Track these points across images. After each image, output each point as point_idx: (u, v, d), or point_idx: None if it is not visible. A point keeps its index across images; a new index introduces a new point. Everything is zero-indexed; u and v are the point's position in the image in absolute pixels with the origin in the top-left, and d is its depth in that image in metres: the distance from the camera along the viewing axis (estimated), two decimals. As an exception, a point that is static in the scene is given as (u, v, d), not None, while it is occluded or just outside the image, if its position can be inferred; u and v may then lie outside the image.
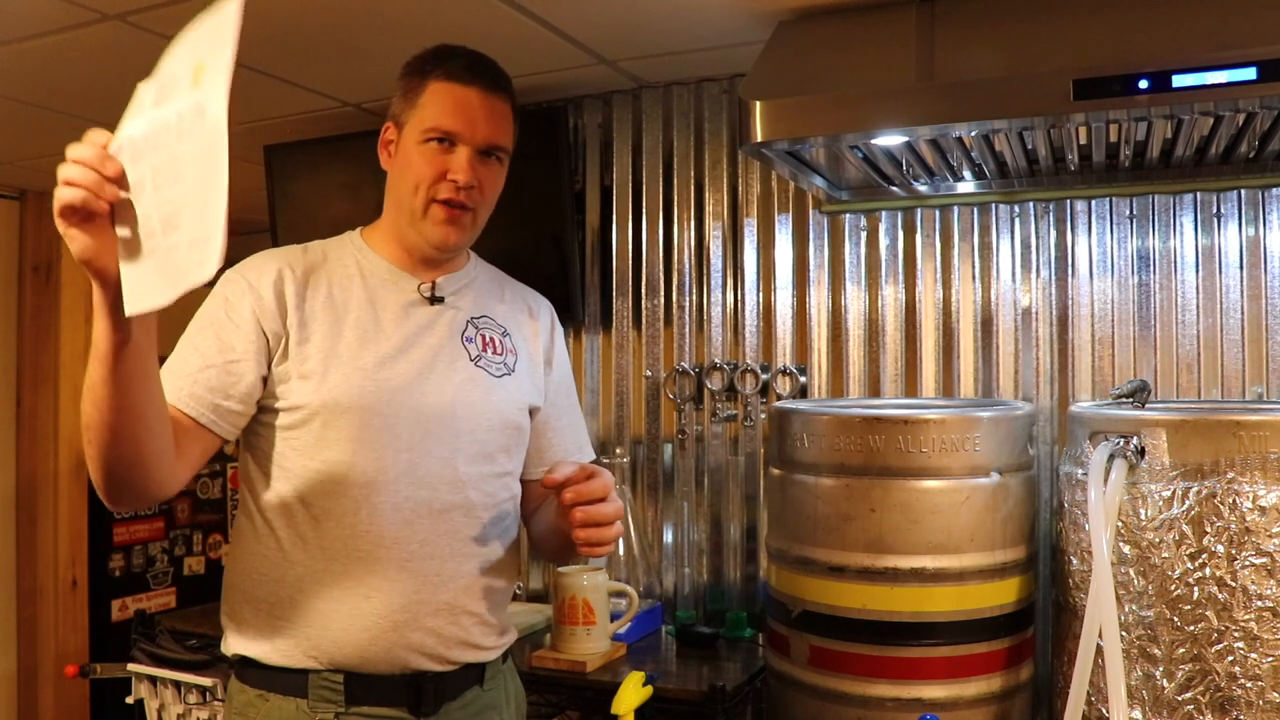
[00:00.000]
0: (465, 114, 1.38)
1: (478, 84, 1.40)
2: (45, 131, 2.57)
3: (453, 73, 1.39)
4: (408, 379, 1.37)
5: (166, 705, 2.19)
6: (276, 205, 2.62)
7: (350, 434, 1.33)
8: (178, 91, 1.01)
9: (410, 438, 1.36)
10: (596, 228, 2.38)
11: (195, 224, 0.98)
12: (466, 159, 1.38)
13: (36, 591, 3.22)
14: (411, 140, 1.40)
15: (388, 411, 1.35)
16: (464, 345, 1.45)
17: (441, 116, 1.38)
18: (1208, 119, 1.48)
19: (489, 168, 1.42)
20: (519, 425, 1.49)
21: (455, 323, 1.45)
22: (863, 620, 1.57)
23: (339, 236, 1.50)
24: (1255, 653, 1.30)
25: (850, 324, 2.12)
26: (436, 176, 1.38)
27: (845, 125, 1.58)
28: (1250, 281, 1.82)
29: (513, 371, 1.49)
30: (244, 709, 1.35)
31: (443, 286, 1.46)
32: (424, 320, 1.43)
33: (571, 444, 1.59)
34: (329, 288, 1.40)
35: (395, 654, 1.33)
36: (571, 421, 1.61)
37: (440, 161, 1.38)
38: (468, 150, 1.39)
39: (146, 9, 1.75)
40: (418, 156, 1.39)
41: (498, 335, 1.49)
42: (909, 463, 1.56)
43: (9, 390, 3.28)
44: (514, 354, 1.50)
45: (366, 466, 1.33)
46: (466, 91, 1.39)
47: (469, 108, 1.39)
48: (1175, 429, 1.37)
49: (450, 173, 1.38)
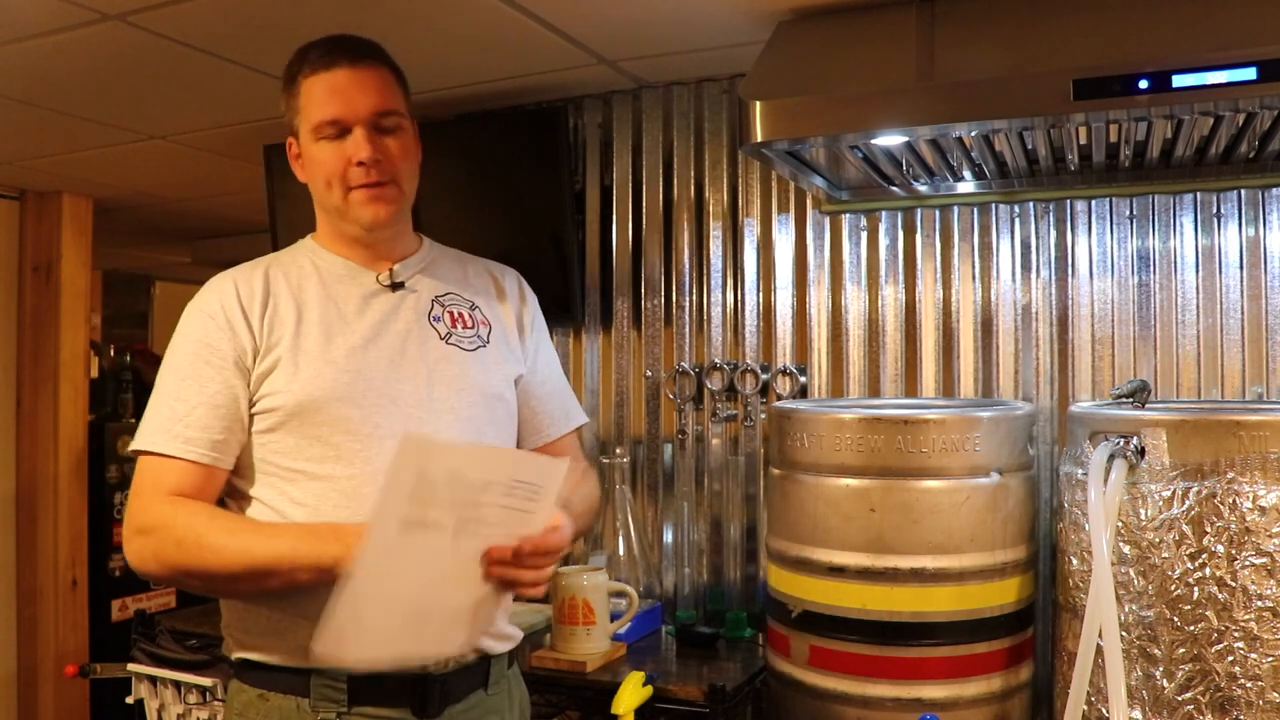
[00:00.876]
0: (340, 97, 1.38)
1: (340, 63, 1.39)
2: (45, 131, 2.57)
3: (315, 63, 1.40)
4: (380, 367, 1.37)
5: (166, 705, 2.19)
6: (276, 205, 2.62)
7: (330, 430, 1.33)
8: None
9: (392, 426, 1.35)
10: (596, 228, 2.38)
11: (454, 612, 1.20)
12: (362, 137, 1.38)
13: (36, 591, 3.22)
14: (309, 144, 1.41)
15: (364, 402, 1.34)
16: (432, 325, 1.44)
17: (321, 108, 1.38)
18: (1208, 119, 1.48)
19: (389, 137, 1.41)
20: (502, 396, 1.48)
21: (420, 305, 1.45)
22: (863, 620, 1.57)
23: (291, 245, 1.50)
24: (1255, 653, 1.30)
25: (850, 324, 2.12)
26: (342, 166, 1.39)
27: (845, 125, 1.57)
28: (1250, 281, 1.82)
29: (487, 343, 1.47)
30: (244, 709, 1.34)
31: (400, 272, 1.46)
32: (387, 308, 1.42)
33: (558, 409, 1.59)
34: (287, 291, 1.40)
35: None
36: (556, 387, 1.60)
37: (339, 151, 1.38)
38: (360, 129, 1.38)
39: (146, 9, 1.75)
40: (318, 154, 1.40)
41: (465, 309, 1.48)
42: (909, 463, 1.56)
43: (9, 390, 3.28)
44: (486, 325, 1.49)
45: (352, 460, 1.33)
46: (333, 75, 1.38)
47: (341, 90, 1.38)
48: (1175, 429, 1.37)
49: (353, 157, 1.38)
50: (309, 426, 1.33)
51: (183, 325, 1.38)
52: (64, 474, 3.25)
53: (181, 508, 1.29)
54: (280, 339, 1.36)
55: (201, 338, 1.35)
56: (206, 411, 1.32)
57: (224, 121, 2.49)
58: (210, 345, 1.34)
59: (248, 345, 1.35)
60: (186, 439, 1.31)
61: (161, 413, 1.33)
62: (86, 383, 3.38)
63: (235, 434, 1.34)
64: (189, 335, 1.36)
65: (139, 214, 3.76)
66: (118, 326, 5.35)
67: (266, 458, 1.35)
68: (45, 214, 3.30)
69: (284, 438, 1.34)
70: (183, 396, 1.33)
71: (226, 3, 1.74)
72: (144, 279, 5.58)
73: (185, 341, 1.36)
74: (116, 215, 3.69)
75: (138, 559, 1.30)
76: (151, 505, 1.30)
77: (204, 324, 1.36)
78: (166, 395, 1.34)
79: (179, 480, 1.31)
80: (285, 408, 1.33)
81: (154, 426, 1.33)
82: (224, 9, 1.77)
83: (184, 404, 1.32)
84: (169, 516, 1.28)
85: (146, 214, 3.78)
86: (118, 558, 3.53)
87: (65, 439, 3.25)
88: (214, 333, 1.35)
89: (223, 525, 1.29)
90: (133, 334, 5.38)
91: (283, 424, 1.34)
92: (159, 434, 1.32)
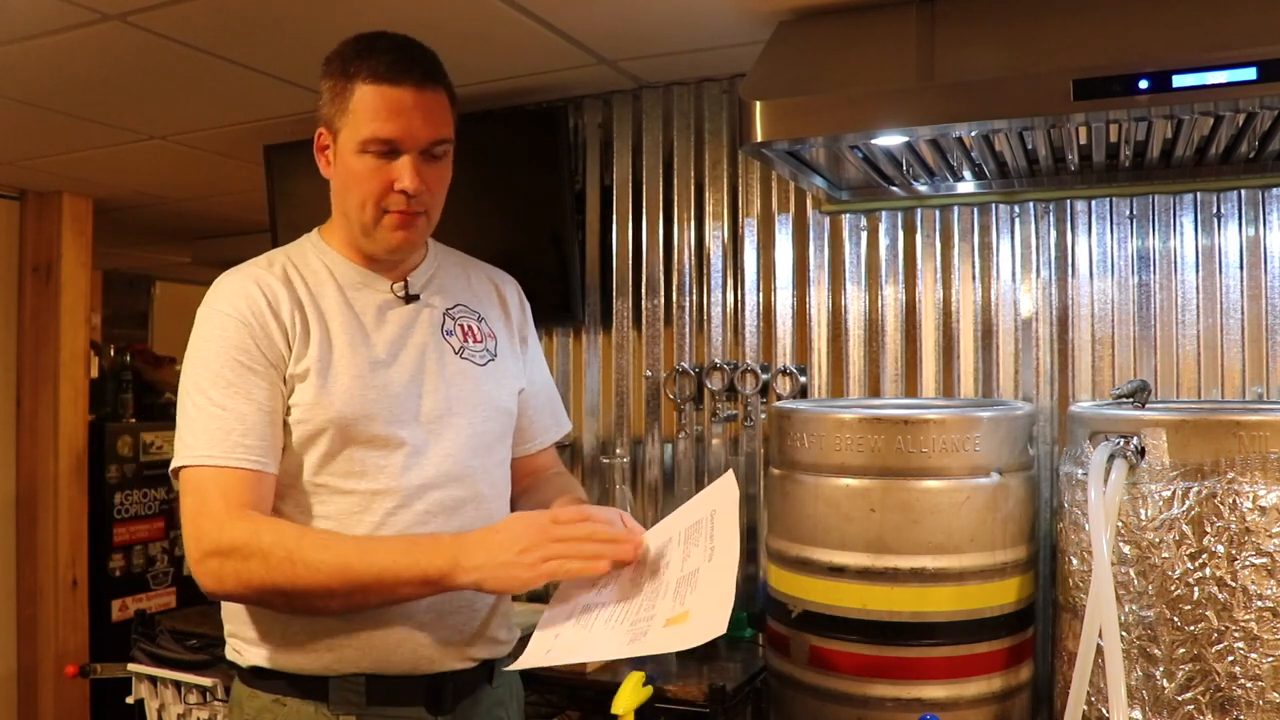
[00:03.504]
0: (401, 119, 1.29)
1: (408, 82, 1.30)
2: (45, 131, 2.57)
3: (380, 72, 1.29)
4: (403, 383, 1.37)
5: (166, 705, 2.19)
6: (277, 205, 2.62)
7: (355, 446, 1.32)
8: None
9: (414, 441, 1.35)
10: (596, 228, 2.38)
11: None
12: (411, 166, 1.31)
13: (36, 591, 3.22)
14: (349, 150, 1.32)
15: (390, 419, 1.34)
16: (445, 339, 1.43)
17: (377, 126, 1.29)
18: (1208, 119, 1.48)
19: (433, 167, 1.35)
20: (510, 410, 1.50)
21: (433, 319, 1.44)
22: (863, 620, 1.57)
23: (297, 241, 1.46)
24: (1255, 653, 1.29)
25: (850, 324, 2.12)
26: (383, 190, 1.32)
27: (845, 125, 1.57)
28: (1250, 281, 1.82)
29: (495, 356, 1.48)
30: (258, 714, 1.32)
31: (414, 284, 1.44)
32: (404, 321, 1.41)
33: (550, 420, 1.61)
34: (308, 295, 1.36)
35: (420, 655, 1.32)
36: (549, 397, 1.62)
37: (384, 173, 1.31)
38: (410, 157, 1.31)
39: (146, 9, 1.75)
40: (359, 168, 1.32)
41: (474, 322, 1.48)
42: (909, 463, 1.56)
43: (9, 390, 3.28)
44: (492, 338, 1.49)
45: (377, 475, 1.32)
46: (398, 93, 1.29)
47: (404, 112, 1.29)
48: (1175, 429, 1.37)
49: (397, 183, 1.31)
50: (335, 444, 1.31)
51: (208, 329, 1.31)
52: (64, 474, 3.25)
53: (265, 525, 1.23)
54: (308, 348, 1.32)
55: (237, 343, 1.29)
56: (260, 418, 1.27)
57: (224, 121, 2.49)
58: (248, 350, 1.29)
59: (283, 350, 1.31)
60: (246, 448, 1.25)
61: (210, 425, 1.26)
62: (86, 383, 3.38)
63: (281, 439, 1.30)
64: (222, 341, 1.29)
65: (139, 214, 3.77)
66: (118, 326, 5.35)
67: (290, 471, 1.32)
68: (45, 214, 3.30)
69: (310, 453, 1.32)
70: (230, 405, 1.26)
71: (226, 3, 1.74)
72: (144, 279, 5.58)
73: (219, 347, 1.29)
74: (116, 215, 3.69)
75: (214, 582, 1.23)
76: (227, 524, 1.22)
77: (236, 329, 1.29)
78: (211, 404, 1.27)
79: (244, 492, 1.25)
80: (313, 422, 1.30)
81: (205, 439, 1.25)
82: (224, 9, 1.77)
83: (233, 412, 1.26)
84: (251, 534, 1.21)
85: (146, 214, 3.78)
86: (118, 558, 3.53)
87: (65, 439, 3.26)
88: (248, 338, 1.29)
89: (314, 540, 1.23)
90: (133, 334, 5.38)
91: (309, 439, 1.31)
92: (214, 446, 1.25)
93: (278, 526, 1.25)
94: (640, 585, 1.25)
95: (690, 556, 1.24)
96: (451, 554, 1.20)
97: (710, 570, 1.18)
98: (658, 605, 1.19)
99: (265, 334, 1.31)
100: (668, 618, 1.16)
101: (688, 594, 1.17)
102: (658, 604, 1.19)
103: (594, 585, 1.29)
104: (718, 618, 1.10)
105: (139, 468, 3.63)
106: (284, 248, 1.45)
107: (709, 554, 1.21)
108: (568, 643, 1.22)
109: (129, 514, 3.59)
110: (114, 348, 4.04)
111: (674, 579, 1.22)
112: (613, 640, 1.18)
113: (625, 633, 1.18)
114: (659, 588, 1.22)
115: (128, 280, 5.52)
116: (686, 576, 1.21)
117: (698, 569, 1.20)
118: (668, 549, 1.29)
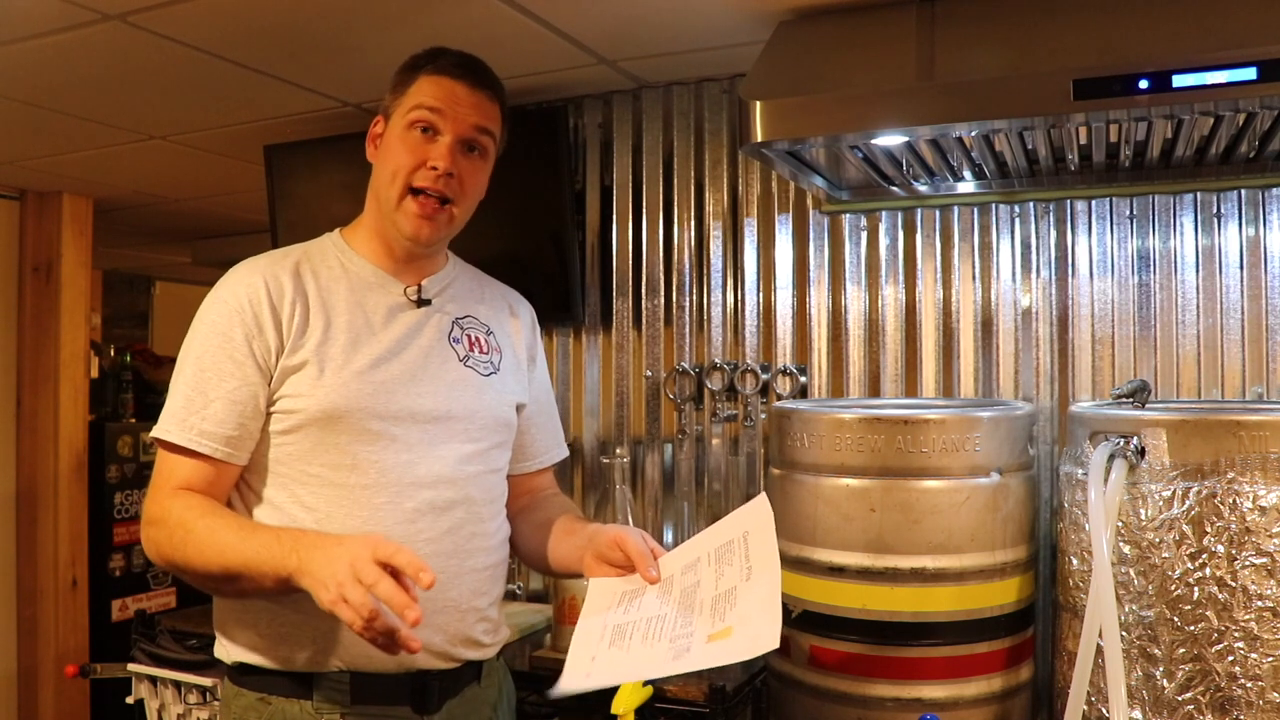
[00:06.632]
0: (449, 100, 1.40)
1: (466, 78, 1.42)
2: (45, 131, 2.57)
3: (443, 66, 1.42)
4: (401, 381, 1.38)
5: (166, 705, 2.19)
6: (277, 205, 2.61)
7: (349, 438, 1.33)
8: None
9: (408, 439, 1.36)
10: (596, 228, 2.38)
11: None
12: (447, 147, 1.39)
13: (36, 591, 3.22)
14: (396, 128, 1.41)
15: (384, 414, 1.35)
16: (451, 346, 1.45)
17: (426, 97, 1.39)
18: (1208, 119, 1.48)
19: (470, 161, 1.43)
20: (509, 422, 1.51)
21: (442, 325, 1.46)
22: (863, 620, 1.57)
23: (318, 239, 1.49)
24: (1255, 653, 1.29)
25: (850, 324, 2.12)
26: (416, 163, 1.39)
27: (845, 125, 1.57)
28: (1250, 281, 1.82)
29: (499, 370, 1.50)
30: (243, 713, 1.34)
31: (428, 289, 1.46)
32: (412, 323, 1.43)
33: (551, 440, 1.64)
34: (316, 291, 1.39)
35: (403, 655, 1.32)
36: (551, 418, 1.65)
37: (421, 149, 1.39)
38: (449, 140, 1.39)
39: (146, 9, 1.75)
40: (399, 143, 1.40)
41: (482, 334, 1.50)
42: (909, 463, 1.56)
43: (9, 390, 3.28)
44: (499, 352, 1.51)
45: (367, 469, 1.33)
46: (454, 83, 1.41)
47: (454, 96, 1.40)
48: (1175, 429, 1.37)
49: (430, 160, 1.38)
50: (327, 434, 1.33)
51: (207, 312, 1.37)
52: (64, 474, 3.25)
53: (180, 501, 1.29)
54: (307, 341, 1.35)
55: (225, 330, 1.34)
56: (223, 406, 1.32)
57: (224, 121, 2.49)
58: (233, 339, 1.33)
59: (273, 344, 1.34)
60: (201, 432, 1.31)
61: (178, 401, 1.33)
62: (86, 383, 3.38)
63: (250, 431, 1.34)
64: (213, 325, 1.35)
65: (139, 214, 3.76)
66: (118, 326, 5.35)
67: (281, 459, 1.35)
68: (45, 214, 3.30)
69: (301, 441, 1.34)
70: (201, 388, 1.32)
71: (226, 3, 1.74)
72: (144, 279, 5.58)
73: (209, 331, 1.35)
74: (116, 215, 3.69)
75: (147, 549, 1.32)
76: (159, 497, 1.31)
77: (229, 317, 1.35)
78: (185, 383, 1.34)
79: (189, 475, 1.31)
80: (306, 412, 1.33)
81: (170, 414, 1.33)
82: (224, 9, 1.77)
83: (201, 396, 1.32)
84: (168, 509, 1.29)
85: (146, 214, 3.78)
86: (118, 558, 3.53)
87: (65, 439, 3.25)
88: (239, 327, 1.34)
89: (209, 523, 1.26)
90: (133, 334, 5.38)
91: (301, 427, 1.33)
92: (174, 423, 1.32)
93: (189, 504, 1.29)
94: (671, 603, 1.26)
95: (724, 575, 1.25)
96: (299, 556, 1.16)
97: (749, 589, 1.19)
98: (695, 623, 1.20)
99: (258, 326, 1.34)
100: (709, 634, 1.17)
101: (727, 611, 1.18)
102: (695, 621, 1.20)
103: (620, 603, 1.30)
104: (766, 632, 1.11)
105: (139, 468, 3.63)
106: (304, 244, 1.48)
107: (746, 574, 1.22)
108: (607, 663, 1.23)
109: (129, 514, 3.58)
110: (114, 348, 4.05)
111: (709, 597, 1.23)
112: (655, 658, 1.19)
113: (666, 649, 1.19)
114: (693, 605, 1.23)
115: (128, 280, 5.52)
116: (723, 595, 1.21)
117: (734, 587, 1.21)
118: (698, 567, 1.29)
